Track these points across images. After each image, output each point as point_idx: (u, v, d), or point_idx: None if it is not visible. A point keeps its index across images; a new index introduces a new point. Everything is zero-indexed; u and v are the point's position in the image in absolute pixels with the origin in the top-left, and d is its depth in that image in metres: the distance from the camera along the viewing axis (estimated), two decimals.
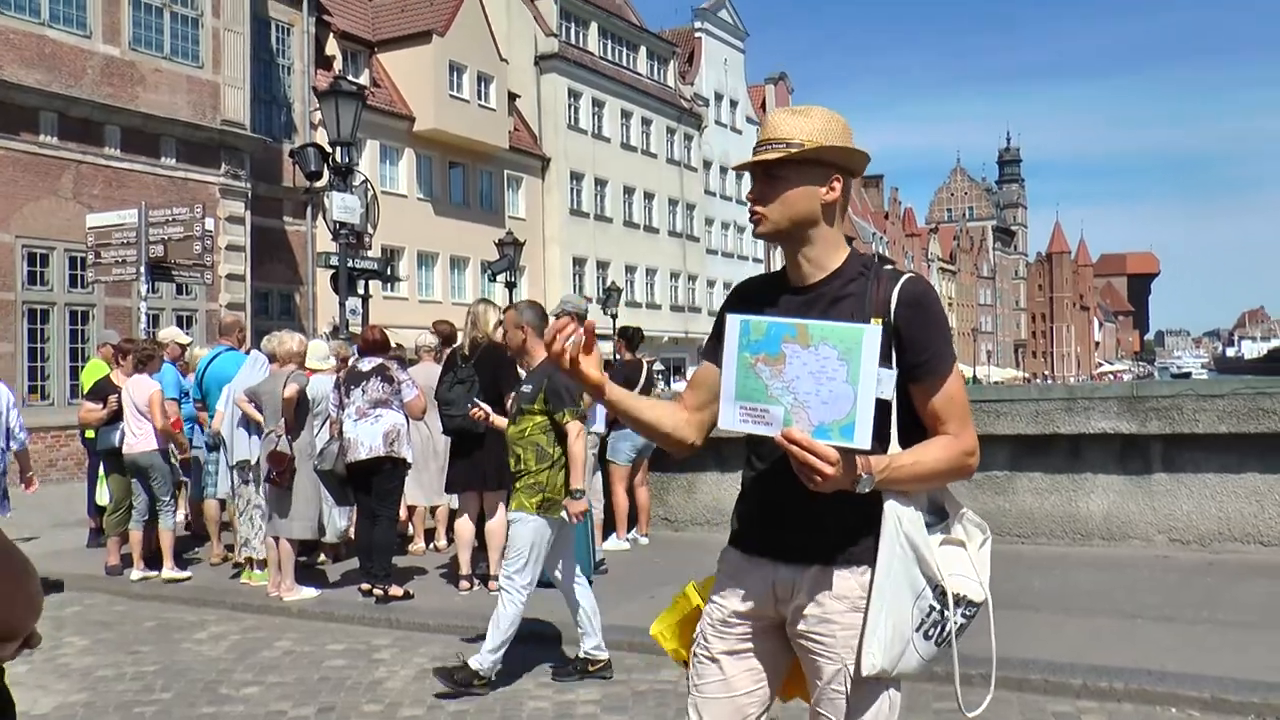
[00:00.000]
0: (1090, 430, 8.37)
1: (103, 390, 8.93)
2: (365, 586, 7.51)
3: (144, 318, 13.78)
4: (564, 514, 5.39)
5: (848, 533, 2.20)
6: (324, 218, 14.43)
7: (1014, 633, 5.89)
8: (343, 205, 13.83)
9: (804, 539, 2.24)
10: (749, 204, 2.30)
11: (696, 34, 51.81)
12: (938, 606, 2.18)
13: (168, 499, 8.48)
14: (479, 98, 33.93)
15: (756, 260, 56.44)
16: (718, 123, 52.02)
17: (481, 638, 5.50)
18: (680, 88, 48.99)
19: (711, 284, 50.66)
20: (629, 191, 43.88)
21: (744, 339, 2.12)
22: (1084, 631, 5.87)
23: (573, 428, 5.42)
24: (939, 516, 2.26)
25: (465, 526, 7.66)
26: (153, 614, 7.52)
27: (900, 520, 2.16)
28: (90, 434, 9.43)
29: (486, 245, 30.02)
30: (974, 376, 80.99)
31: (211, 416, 9.03)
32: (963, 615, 2.23)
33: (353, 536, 8.41)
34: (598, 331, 9.07)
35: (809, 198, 2.25)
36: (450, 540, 9.35)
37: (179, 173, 21.56)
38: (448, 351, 8.47)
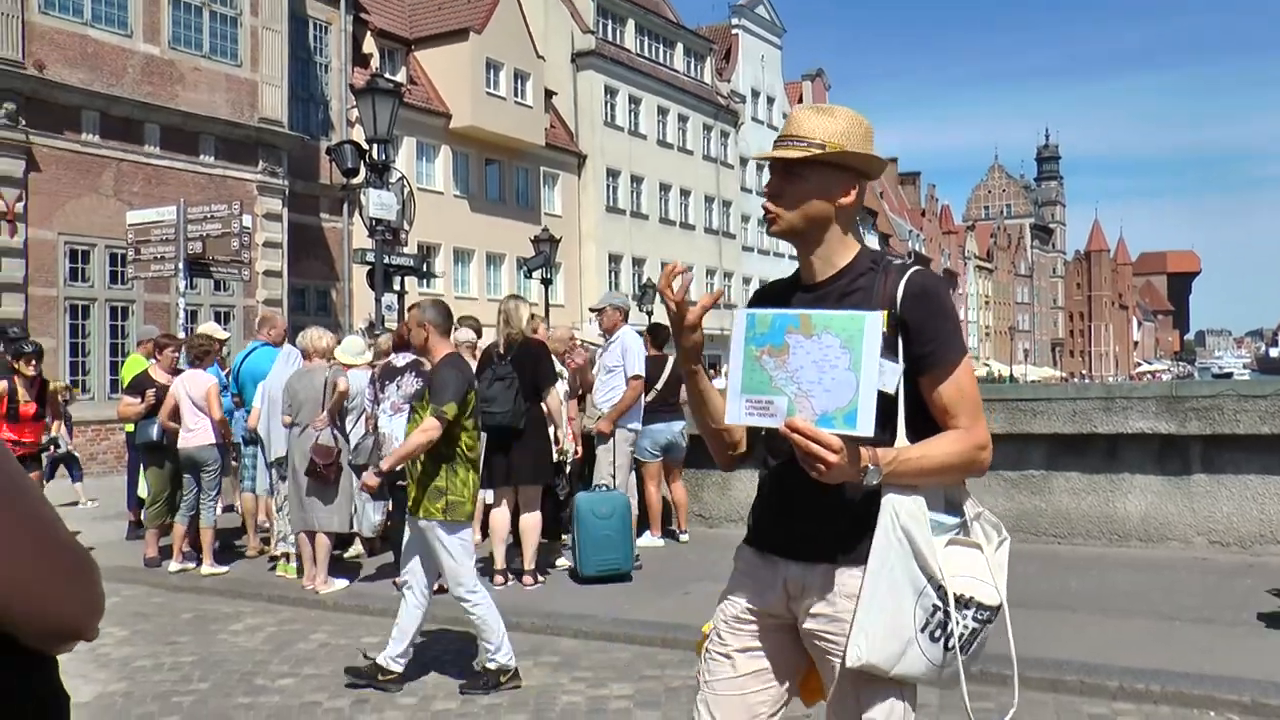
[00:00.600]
0: (1128, 430, 8.28)
1: (141, 385, 9.04)
2: (399, 580, 7.55)
3: (182, 313, 13.92)
4: (434, 518, 5.26)
5: (856, 530, 2.17)
6: (360, 214, 14.55)
7: (1049, 633, 5.85)
8: (379, 202, 13.92)
9: (814, 536, 2.23)
10: (764, 199, 2.30)
11: (733, 30, 51.68)
12: (941, 606, 2.12)
13: (214, 494, 8.58)
14: (515, 95, 34.02)
15: (792, 258, 56.05)
16: (754, 119, 51.86)
17: (516, 629, 5.51)
18: (717, 84, 48.89)
19: (748, 281, 50.53)
20: (665, 188, 43.87)
21: (750, 332, 2.14)
22: (1121, 632, 5.81)
23: (428, 423, 5.23)
24: (956, 515, 2.22)
25: (500, 521, 7.70)
26: (190, 606, 7.61)
27: (897, 513, 2.13)
28: (130, 428, 9.55)
29: (522, 242, 30.09)
30: (1010, 375, 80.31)
31: (248, 411, 9.12)
32: (974, 619, 2.16)
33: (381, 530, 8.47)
34: (637, 328, 9.02)
35: (826, 200, 2.25)
36: (483, 536, 9.40)
37: (217, 170, 21.78)
38: (481, 348, 8.50)
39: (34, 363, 8.80)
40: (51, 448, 9.05)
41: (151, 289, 19.40)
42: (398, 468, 5.65)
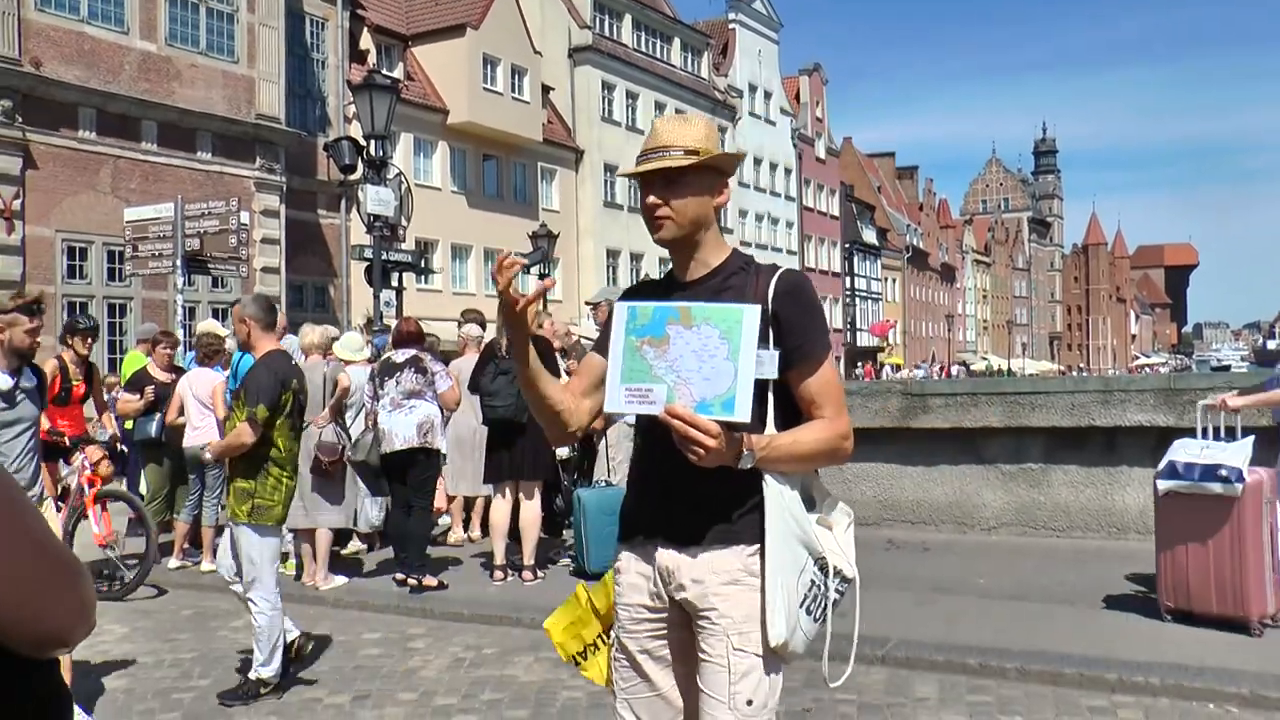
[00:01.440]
0: (1127, 423, 8.29)
1: (140, 382, 9.04)
2: (400, 576, 7.56)
3: (180, 310, 13.91)
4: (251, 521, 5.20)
5: (728, 513, 2.29)
6: (358, 211, 14.55)
7: (1049, 626, 5.86)
8: (377, 198, 13.91)
9: (687, 521, 2.31)
10: (649, 211, 2.38)
11: (730, 25, 51.63)
12: (819, 580, 2.29)
13: (217, 493, 8.56)
14: (513, 91, 33.97)
15: (790, 252, 56.26)
16: (751, 114, 51.83)
17: (516, 624, 5.52)
18: (714, 79, 48.85)
19: None
20: None
21: (630, 324, 2.24)
22: (1120, 625, 5.82)
23: (240, 428, 5.10)
24: (809, 503, 2.35)
25: (500, 516, 7.70)
26: (190, 602, 7.61)
27: (784, 498, 2.26)
28: (129, 424, 9.54)
29: (520, 238, 30.04)
30: (1008, 369, 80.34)
31: None
32: (836, 590, 2.33)
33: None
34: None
35: (705, 202, 2.37)
36: (484, 532, 9.41)
37: (214, 167, 21.75)
38: (485, 343, 8.50)
39: (89, 341, 8.30)
40: (115, 442, 8.66)
41: (149, 286, 19.39)
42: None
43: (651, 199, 2.37)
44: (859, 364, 64.44)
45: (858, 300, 67.87)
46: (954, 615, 6.17)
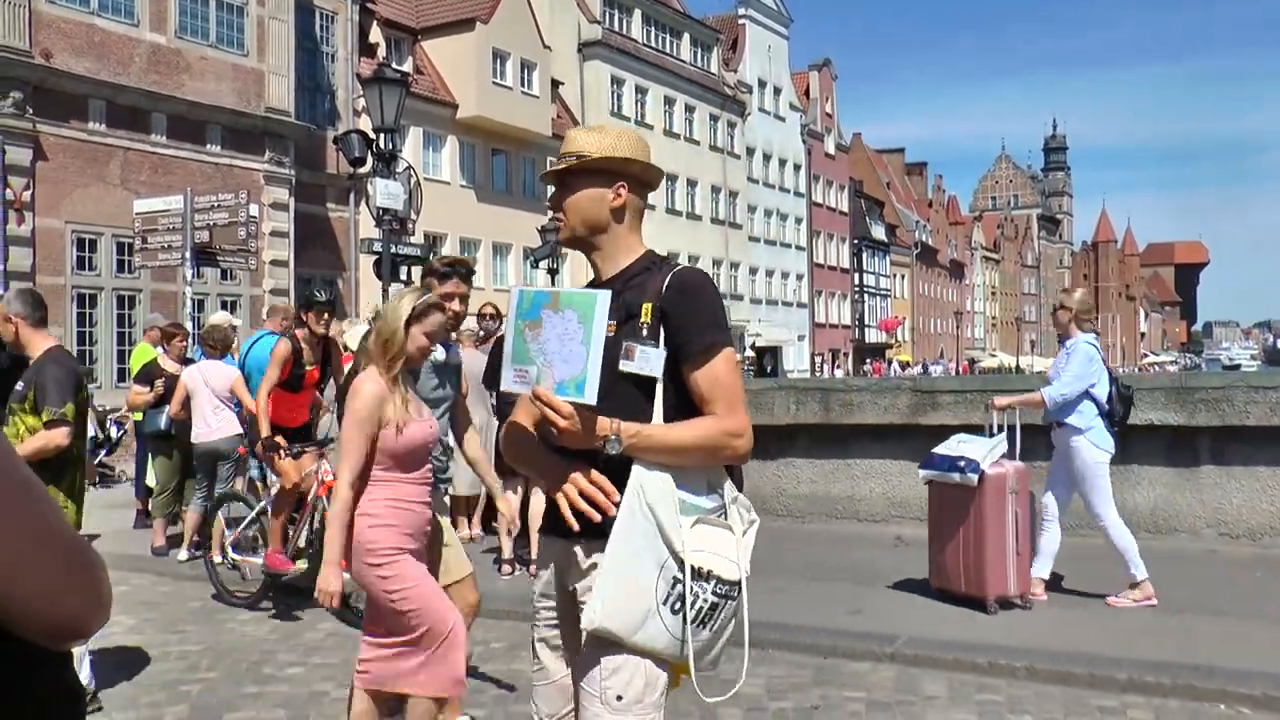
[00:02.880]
0: (1137, 421, 8.23)
1: (150, 374, 9.04)
2: None
3: (189, 303, 13.92)
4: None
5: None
6: (367, 204, 14.51)
7: (1058, 625, 5.83)
8: (386, 192, 13.89)
9: (573, 514, 2.32)
10: (551, 213, 2.51)
11: (740, 20, 51.56)
12: (681, 579, 2.24)
13: (228, 486, 8.54)
14: (522, 85, 33.94)
15: (799, 248, 56.19)
16: (761, 110, 51.77)
17: (524, 619, 5.50)
18: (723, 75, 48.77)
19: (754, 271, 50.49)
20: (672, 179, 43.80)
21: (519, 308, 2.36)
22: (1129, 625, 5.80)
23: (54, 431, 4.49)
24: (715, 498, 2.36)
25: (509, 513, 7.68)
26: (198, 595, 7.61)
27: (643, 488, 2.26)
28: (138, 416, 9.55)
29: (529, 232, 30.04)
30: (1017, 366, 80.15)
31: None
32: (713, 593, 2.27)
33: None
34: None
35: (598, 203, 2.46)
36: (484, 530, 9.43)
37: (224, 159, 21.77)
38: (495, 340, 8.49)
39: (325, 317, 7.03)
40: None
41: (158, 278, 19.41)
42: None
43: (551, 203, 2.53)
44: (867, 360, 64.35)
45: (866, 296, 67.77)
46: (964, 613, 6.14)
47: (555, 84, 36.53)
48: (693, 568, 2.24)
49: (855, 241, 65.72)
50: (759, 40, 52.42)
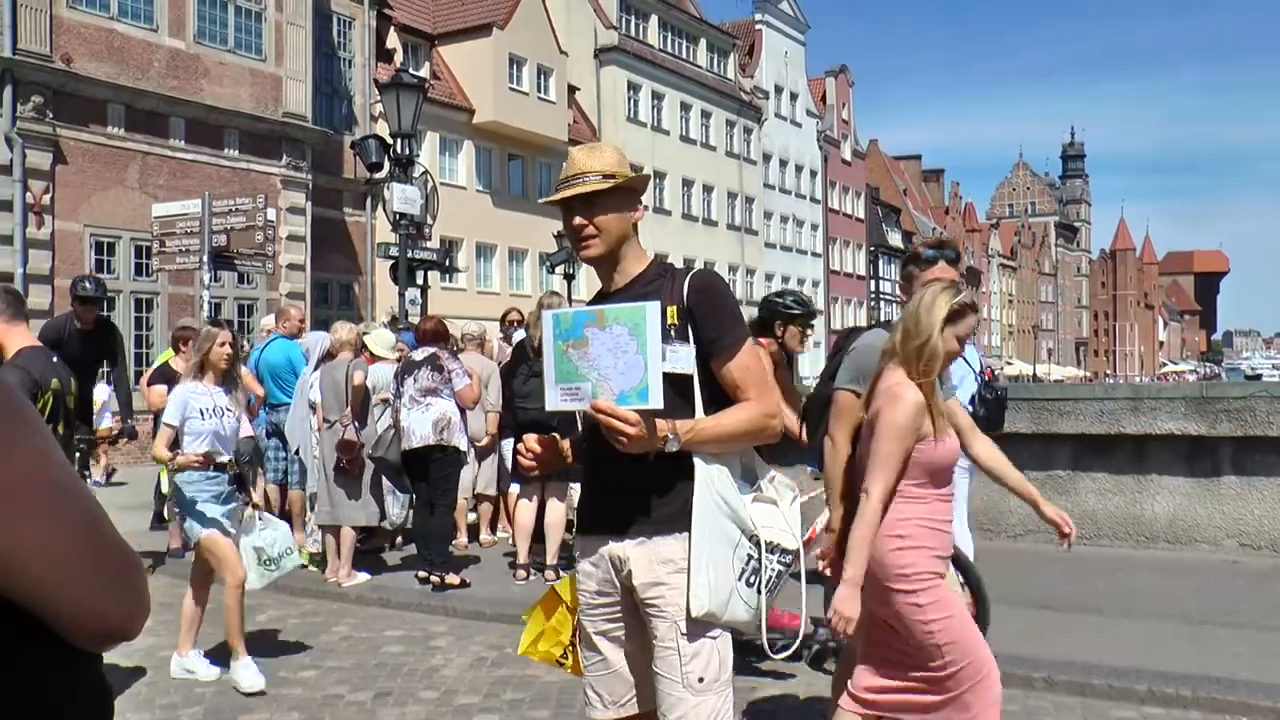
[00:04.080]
0: (1157, 431, 8.19)
1: (165, 376, 9.06)
2: (423, 574, 7.55)
3: (206, 306, 13.96)
4: None
5: (666, 500, 2.51)
6: (384, 209, 14.55)
7: (1076, 636, 5.79)
8: (403, 196, 13.92)
9: (630, 511, 2.53)
10: (576, 231, 2.60)
11: (757, 26, 51.52)
12: (755, 554, 2.51)
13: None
14: (538, 90, 34.00)
15: (815, 254, 56.10)
16: (778, 115, 51.72)
17: None
18: (740, 80, 48.76)
19: (770, 278, 50.40)
20: (688, 184, 43.81)
21: (556, 330, 2.48)
22: (1149, 636, 5.74)
23: None
24: (750, 480, 2.62)
25: (526, 515, 7.68)
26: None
27: (712, 479, 2.48)
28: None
29: (545, 237, 30.06)
30: (1034, 374, 79.81)
31: (266, 403, 9.15)
32: (779, 562, 2.55)
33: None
34: None
35: (624, 220, 2.62)
36: (493, 531, 9.43)
37: (241, 164, 21.85)
38: (514, 345, 8.50)
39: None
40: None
41: (175, 281, 19.49)
42: None
43: (578, 220, 2.59)
44: None
45: (882, 304, 67.62)
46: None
47: (571, 89, 36.58)
48: (766, 543, 2.52)
49: (871, 248, 65.59)
50: (776, 46, 52.39)
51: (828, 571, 3.56)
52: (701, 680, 2.47)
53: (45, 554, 1.05)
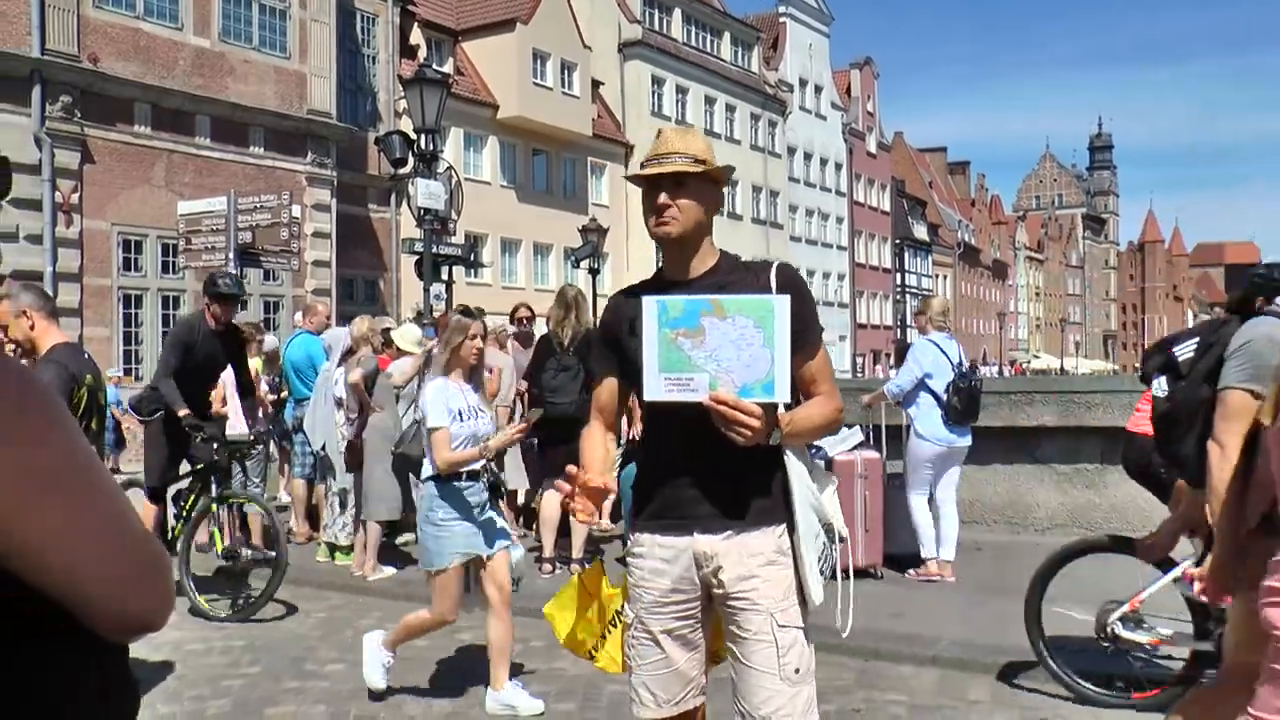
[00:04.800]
0: None
1: None
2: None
3: None
4: None
5: (759, 493, 2.52)
6: (408, 204, 14.61)
7: None
8: (427, 192, 13.94)
9: (720, 505, 2.51)
10: (659, 210, 2.55)
11: (781, 19, 51.37)
12: (828, 543, 2.57)
13: (258, 480, 8.61)
14: (562, 85, 34.03)
15: (841, 248, 55.90)
16: (802, 109, 51.55)
17: None
18: (764, 74, 48.63)
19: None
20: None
21: (663, 316, 2.40)
22: None
23: None
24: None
25: (551, 509, 7.68)
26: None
27: (802, 472, 2.53)
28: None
29: (570, 232, 30.10)
30: (1061, 367, 79.30)
31: (293, 399, 9.20)
32: (835, 550, 2.61)
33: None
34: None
35: (707, 206, 2.62)
36: (527, 528, 9.39)
37: (266, 161, 21.98)
38: (538, 339, 8.50)
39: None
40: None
41: (202, 278, 19.60)
42: None
43: (663, 198, 2.55)
44: None
45: (908, 297, 67.28)
46: (1008, 617, 6.04)
47: (595, 84, 36.59)
48: (837, 531, 2.60)
49: (897, 241, 65.31)
50: (800, 39, 52.21)
51: (1203, 598, 3.26)
52: (798, 671, 2.49)
53: (78, 542, 1.05)
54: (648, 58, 39.74)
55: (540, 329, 8.48)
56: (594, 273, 26.88)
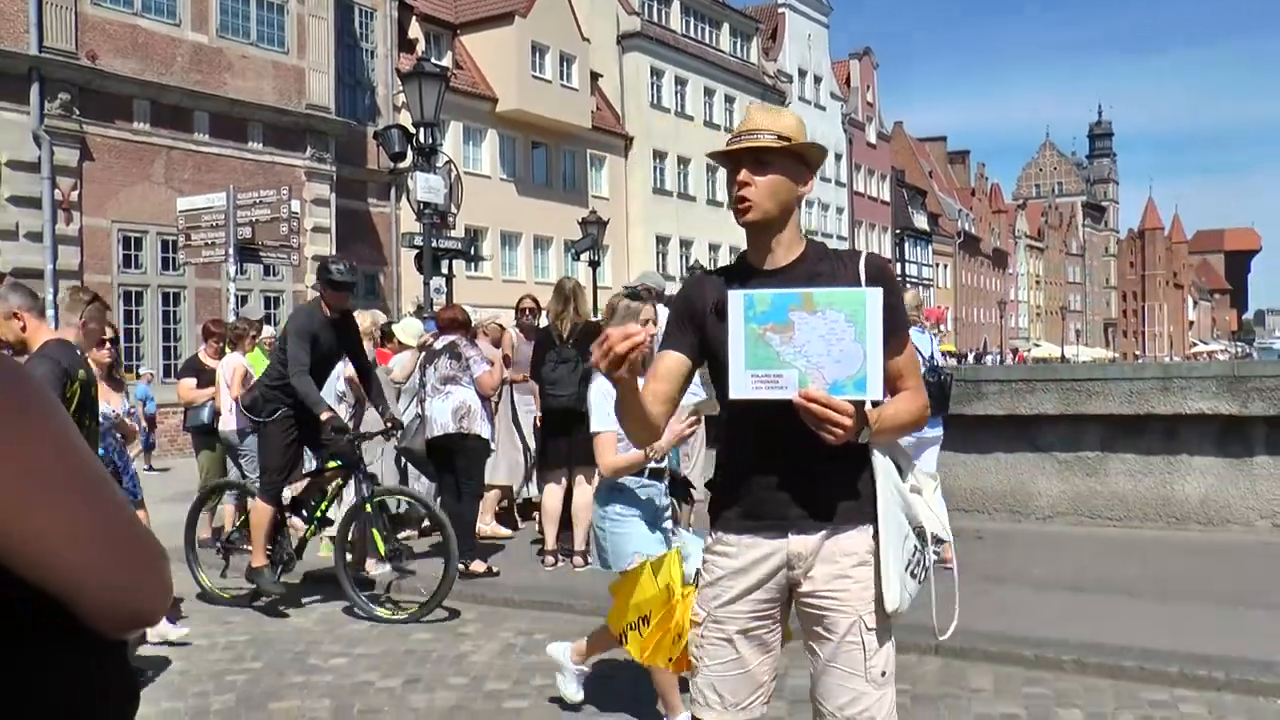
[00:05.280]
0: (1187, 411, 8.11)
1: (193, 369, 9.18)
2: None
3: (232, 299, 14.06)
4: None
5: (850, 492, 2.43)
6: (408, 198, 14.62)
7: (1107, 618, 5.74)
8: (427, 186, 13.94)
9: (812, 505, 2.42)
10: (738, 189, 2.44)
11: (780, 9, 51.23)
12: (919, 545, 2.47)
13: (255, 476, 8.61)
14: (561, 78, 33.98)
15: (841, 238, 55.82)
16: (801, 99, 51.40)
17: (568, 610, 5.50)
18: (763, 64, 48.53)
19: None
20: (712, 169, 43.60)
21: (749, 311, 2.28)
22: (1181, 618, 5.69)
23: None
24: (899, 471, 2.53)
25: (553, 502, 7.69)
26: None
27: (889, 470, 2.45)
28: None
29: (570, 225, 30.10)
30: (1062, 355, 79.21)
31: None
32: (932, 552, 2.51)
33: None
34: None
35: (792, 188, 2.47)
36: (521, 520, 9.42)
37: (265, 156, 21.96)
38: (539, 329, 8.51)
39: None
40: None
41: (202, 274, 19.62)
42: None
43: (743, 176, 2.44)
44: None
45: (909, 286, 67.27)
46: (1009, 605, 6.06)
47: (594, 76, 36.53)
48: (931, 534, 2.49)
49: (897, 231, 65.24)
50: (799, 29, 52.09)
51: None
52: (884, 674, 2.45)
53: (79, 540, 1.05)
54: (646, 49, 39.66)
55: (544, 322, 8.49)
56: (594, 265, 26.89)
